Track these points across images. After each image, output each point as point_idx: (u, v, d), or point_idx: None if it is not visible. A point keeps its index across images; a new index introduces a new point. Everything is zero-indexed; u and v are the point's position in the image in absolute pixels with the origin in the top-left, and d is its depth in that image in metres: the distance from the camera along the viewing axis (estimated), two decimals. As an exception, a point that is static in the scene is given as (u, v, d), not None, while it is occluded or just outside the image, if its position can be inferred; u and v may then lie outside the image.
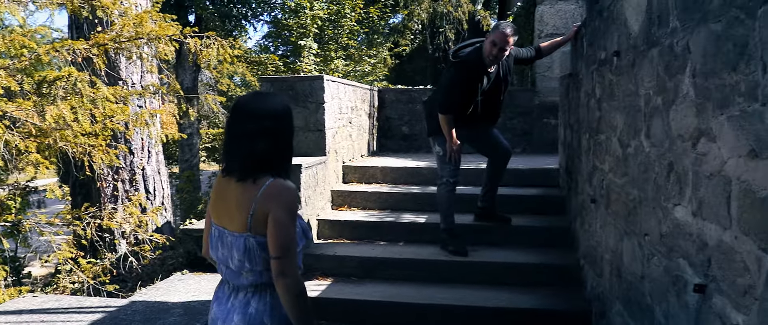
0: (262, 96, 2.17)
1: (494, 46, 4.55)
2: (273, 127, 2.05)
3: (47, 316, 3.26)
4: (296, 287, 1.98)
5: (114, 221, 5.12)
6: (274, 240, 1.97)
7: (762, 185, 1.59)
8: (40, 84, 3.75)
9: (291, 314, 2.01)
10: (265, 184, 2.00)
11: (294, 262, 1.98)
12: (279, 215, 1.97)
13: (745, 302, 1.70)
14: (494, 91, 4.84)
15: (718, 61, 1.87)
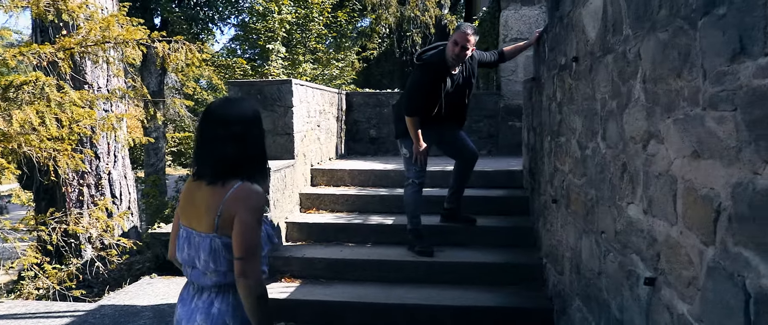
0: (233, 101, 2.22)
1: (456, 45, 4.65)
2: (243, 132, 2.09)
3: (15, 321, 3.25)
4: (257, 289, 2.02)
5: (80, 226, 5.08)
6: (239, 241, 2.01)
7: (703, 183, 1.71)
8: (7, 88, 3.73)
9: (250, 315, 2.05)
10: (234, 187, 2.05)
11: (257, 264, 2.02)
12: (244, 217, 2.02)
13: (689, 292, 1.82)
14: (459, 93, 4.92)
15: (665, 68, 2.00)
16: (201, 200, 2.11)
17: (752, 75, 1.41)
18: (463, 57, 4.73)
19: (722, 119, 1.57)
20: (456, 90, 4.89)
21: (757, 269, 1.41)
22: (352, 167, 6.52)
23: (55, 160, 4.95)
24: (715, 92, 1.61)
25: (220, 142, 2.07)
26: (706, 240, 1.69)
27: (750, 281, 1.44)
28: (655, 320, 2.13)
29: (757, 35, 1.39)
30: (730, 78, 1.52)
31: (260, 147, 2.18)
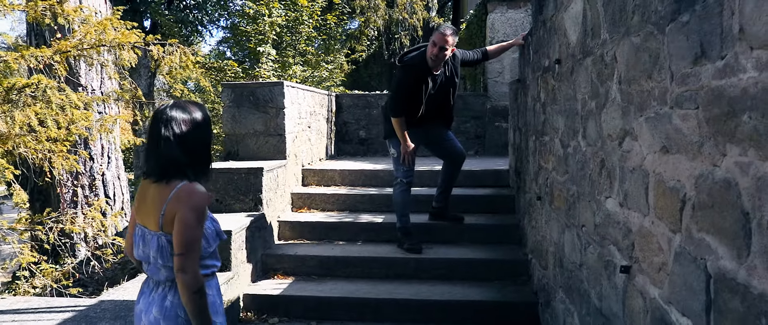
0: (181, 105, 2.31)
1: (434, 46, 4.75)
2: (186, 134, 2.20)
3: (18, 316, 3.35)
4: (194, 284, 2.12)
5: (76, 226, 5.17)
6: (178, 238, 2.13)
7: (671, 176, 1.86)
8: (9, 90, 3.83)
9: (187, 308, 2.15)
10: (177, 187, 2.17)
11: (194, 260, 2.14)
12: (184, 215, 2.13)
13: (659, 277, 1.97)
14: (442, 92, 5.02)
15: (638, 70, 2.15)
16: (150, 198, 2.23)
17: (711, 76, 1.56)
18: (443, 58, 4.82)
19: (687, 117, 1.72)
20: (439, 90, 4.98)
21: (716, 251, 1.56)
22: (342, 167, 6.65)
23: (50, 161, 5.04)
24: (680, 92, 1.76)
25: (164, 142, 2.18)
26: (674, 228, 1.84)
27: (711, 263, 1.59)
28: (630, 305, 2.28)
29: (715, 41, 1.54)
30: (693, 79, 1.67)
31: (203, 150, 2.29)
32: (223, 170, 5.21)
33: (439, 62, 4.86)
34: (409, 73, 4.91)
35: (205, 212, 2.22)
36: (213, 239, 2.29)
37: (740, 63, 1.41)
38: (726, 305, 1.50)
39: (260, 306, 4.54)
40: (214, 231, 2.31)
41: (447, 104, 5.16)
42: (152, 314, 2.23)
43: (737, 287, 1.44)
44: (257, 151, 5.82)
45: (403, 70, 4.95)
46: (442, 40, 4.73)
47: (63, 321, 3.29)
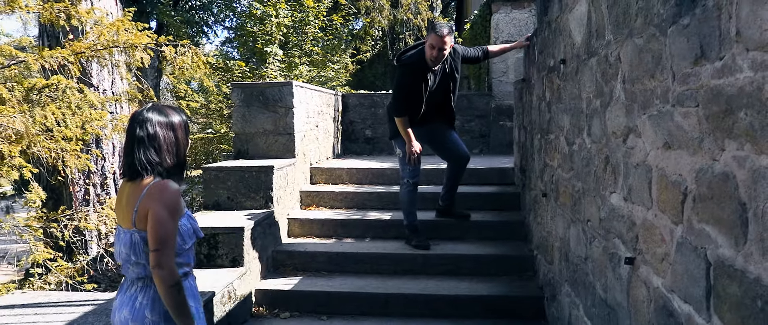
0: (158, 108, 2.41)
1: (433, 48, 4.75)
2: (159, 135, 2.30)
3: (40, 309, 3.45)
4: (171, 279, 2.18)
5: (90, 223, 5.28)
6: (152, 234, 2.19)
7: (673, 170, 1.96)
8: (30, 91, 3.94)
9: (166, 303, 2.21)
10: (150, 184, 2.26)
11: (170, 255, 2.19)
12: (157, 211, 2.20)
13: (662, 267, 2.07)
14: (442, 89, 5.03)
15: (641, 69, 2.25)
16: (125, 197, 2.30)
17: (710, 76, 1.66)
18: (442, 58, 4.82)
19: (687, 114, 1.82)
20: (439, 87, 5.00)
21: (715, 240, 1.66)
22: (349, 166, 6.75)
23: (63, 160, 5.15)
24: (681, 91, 1.86)
25: (138, 142, 2.28)
26: (676, 220, 1.94)
27: (710, 251, 1.69)
28: (634, 295, 2.38)
29: (713, 43, 1.64)
30: (693, 79, 1.77)
31: (176, 150, 2.36)
32: (235, 168, 5.32)
33: (439, 61, 4.87)
34: (408, 72, 4.94)
35: (178, 208, 2.28)
36: (189, 237, 2.36)
37: (737, 63, 1.51)
38: (724, 290, 1.60)
39: (272, 301, 4.65)
40: (190, 228, 2.37)
41: (448, 101, 5.16)
42: (123, 313, 2.29)
43: (735, 273, 1.54)
44: (267, 150, 5.93)
45: (402, 69, 4.98)
46: (439, 41, 4.73)
47: (83, 314, 3.40)
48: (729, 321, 1.58)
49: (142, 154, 2.27)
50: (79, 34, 5.82)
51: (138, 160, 2.27)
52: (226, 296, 4.07)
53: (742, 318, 1.51)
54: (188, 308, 2.24)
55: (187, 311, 2.23)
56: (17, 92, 3.87)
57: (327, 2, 10.55)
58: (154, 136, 2.29)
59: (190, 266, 2.41)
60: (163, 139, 2.30)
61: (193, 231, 2.40)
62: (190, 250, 2.39)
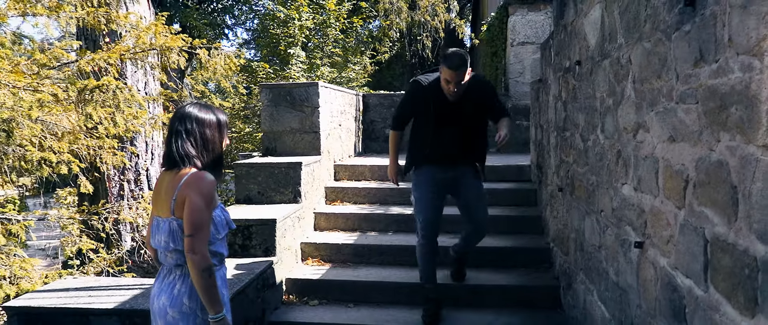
0: (199, 105, 2.66)
1: (448, 83, 4.10)
2: (195, 130, 2.54)
3: (93, 292, 3.74)
4: (203, 263, 2.38)
5: (129, 215, 5.59)
6: (187, 220, 2.40)
7: (677, 161, 2.20)
8: (82, 91, 4.24)
9: (196, 286, 2.42)
10: (188, 174, 2.49)
11: (203, 241, 2.41)
12: (194, 199, 2.42)
13: (668, 248, 2.30)
14: (461, 117, 4.24)
15: (649, 71, 2.48)
16: (164, 187, 2.53)
17: (708, 76, 1.90)
18: (460, 90, 4.13)
19: (689, 110, 2.06)
20: (456, 117, 4.23)
21: (712, 220, 1.89)
22: (371, 163, 7.01)
23: (99, 157, 5.45)
24: (684, 90, 2.10)
25: (176, 134, 2.53)
26: (679, 205, 2.18)
27: (708, 230, 1.93)
28: (642, 276, 2.61)
29: (710, 47, 1.87)
30: (694, 79, 2.01)
31: (212, 146, 2.58)
32: (265, 164, 5.60)
33: (455, 95, 4.15)
34: (415, 90, 4.35)
35: (213, 198, 2.50)
36: (222, 227, 2.56)
37: (729, 65, 1.75)
38: (719, 262, 1.84)
39: (301, 289, 4.92)
40: (223, 220, 2.59)
41: (471, 138, 4.34)
42: (162, 300, 2.50)
43: (727, 247, 1.78)
44: (294, 148, 6.20)
45: (411, 85, 4.43)
46: (449, 75, 4.05)
47: (133, 296, 3.68)
48: (723, 289, 1.82)
49: (180, 147, 2.51)
50: (117, 38, 6.12)
51: (176, 152, 2.51)
52: (261, 283, 4.34)
53: (733, 285, 1.74)
54: (217, 293, 2.44)
55: (216, 295, 2.43)
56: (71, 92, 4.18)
57: (347, 5, 10.84)
58: (190, 131, 2.52)
59: (224, 255, 2.63)
60: (199, 134, 2.54)
61: (226, 222, 2.62)
62: (223, 240, 2.61)
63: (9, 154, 3.90)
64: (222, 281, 2.62)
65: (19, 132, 3.63)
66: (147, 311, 3.42)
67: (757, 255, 1.60)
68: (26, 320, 3.53)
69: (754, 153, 1.61)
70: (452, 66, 4.01)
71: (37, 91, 3.71)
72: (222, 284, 2.61)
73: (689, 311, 2.08)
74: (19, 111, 3.53)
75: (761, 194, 1.58)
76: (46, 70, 3.95)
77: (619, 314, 3.00)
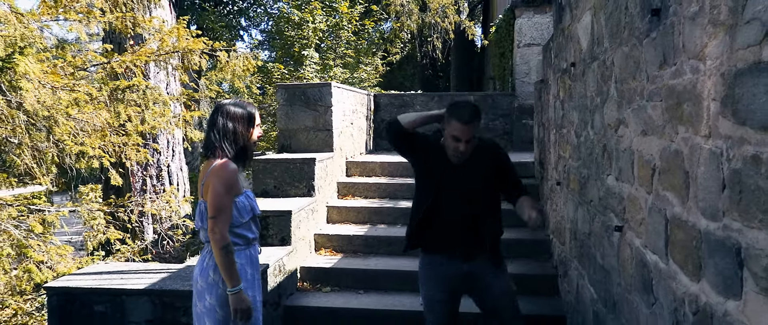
0: (233, 103, 3.00)
1: (457, 142, 3.13)
2: (225, 124, 2.89)
3: (125, 275, 4.08)
4: (222, 241, 2.73)
5: (154, 208, 5.95)
6: (209, 203, 2.77)
7: (647, 152, 2.49)
8: (114, 91, 4.59)
9: (217, 261, 2.77)
10: (215, 162, 2.85)
11: (223, 222, 2.74)
12: (215, 185, 2.78)
13: (640, 230, 2.59)
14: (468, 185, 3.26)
15: (627, 72, 2.77)
16: (201, 173, 2.93)
17: (669, 77, 2.19)
18: (467, 151, 3.18)
19: (655, 107, 2.35)
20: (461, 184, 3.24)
21: (671, 202, 2.18)
22: (381, 160, 7.32)
23: (124, 153, 5.81)
24: (652, 89, 2.39)
25: (209, 126, 2.93)
26: (648, 190, 2.47)
27: (668, 211, 2.22)
28: (622, 256, 2.90)
29: (670, 52, 2.16)
30: (659, 79, 2.30)
31: (234, 138, 2.89)
32: (281, 160, 5.93)
33: (462, 156, 3.20)
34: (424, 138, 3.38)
35: (234, 185, 2.83)
36: (246, 212, 2.89)
37: (683, 68, 2.04)
38: (675, 237, 2.13)
39: (315, 277, 5.24)
40: (248, 205, 2.93)
41: (483, 215, 3.31)
42: (195, 271, 2.91)
43: (682, 224, 2.07)
44: (308, 145, 6.53)
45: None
46: (465, 132, 3.10)
47: (162, 279, 4.02)
48: (678, 260, 2.11)
49: (211, 138, 2.89)
50: (141, 40, 6.48)
51: (207, 141, 2.91)
52: (277, 270, 4.67)
53: (685, 256, 2.04)
54: (235, 269, 2.78)
55: (234, 271, 2.77)
56: (104, 91, 4.53)
57: (360, 8, 11.17)
58: (220, 124, 2.89)
59: (249, 237, 2.96)
60: (226, 127, 2.89)
61: (251, 208, 2.98)
62: (247, 223, 2.95)
63: (48, 149, 4.25)
64: (247, 260, 2.97)
65: (58, 128, 3.97)
66: (175, 292, 3.78)
67: (701, 228, 1.90)
68: (65, 300, 3.88)
69: (699, 143, 1.91)
70: (464, 119, 3.09)
71: (74, 91, 4.05)
72: (247, 262, 2.96)
73: (655, 283, 2.37)
74: (58, 109, 3.87)
75: (704, 176, 1.87)
76: (80, 72, 4.29)
77: (604, 293, 3.29)
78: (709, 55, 1.81)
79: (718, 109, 1.75)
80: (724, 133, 1.71)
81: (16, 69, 3.49)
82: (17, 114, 4.10)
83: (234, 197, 2.84)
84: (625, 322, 2.83)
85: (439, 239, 3.35)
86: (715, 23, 1.76)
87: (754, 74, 1.52)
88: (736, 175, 1.64)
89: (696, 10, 1.91)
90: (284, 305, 4.76)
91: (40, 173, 4.18)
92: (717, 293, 1.79)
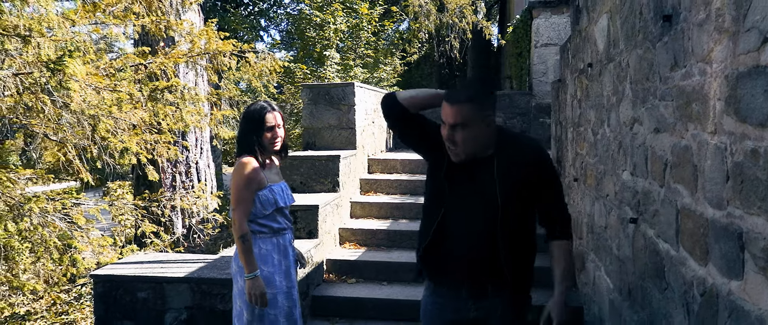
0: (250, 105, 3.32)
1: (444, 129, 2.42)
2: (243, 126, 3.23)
3: (164, 264, 4.33)
4: (239, 231, 3.06)
5: (185, 203, 6.21)
6: (231, 196, 3.14)
7: (660, 148, 2.67)
8: (153, 91, 4.84)
9: (237, 248, 3.09)
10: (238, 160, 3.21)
11: (240, 214, 3.06)
12: (234, 180, 3.14)
13: (654, 221, 2.78)
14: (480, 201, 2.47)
15: (641, 73, 2.96)
16: None
17: (679, 79, 2.38)
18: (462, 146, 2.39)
19: (667, 106, 2.54)
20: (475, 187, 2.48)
21: (682, 194, 2.37)
22: (402, 157, 7.53)
23: (155, 150, 6.07)
24: (664, 90, 2.58)
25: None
26: (661, 184, 2.65)
27: (679, 202, 2.40)
28: (636, 246, 3.09)
29: (681, 55, 2.35)
30: (671, 80, 2.49)
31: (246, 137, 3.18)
32: (306, 157, 6.16)
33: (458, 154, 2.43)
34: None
35: (251, 179, 3.12)
36: (269, 205, 3.17)
37: (692, 70, 2.23)
38: (685, 226, 2.32)
39: (340, 269, 5.46)
40: (272, 199, 3.20)
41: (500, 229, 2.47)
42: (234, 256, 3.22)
43: (690, 214, 2.26)
44: (331, 143, 6.76)
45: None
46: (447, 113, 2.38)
47: (199, 268, 4.26)
48: (687, 247, 2.30)
49: (237, 137, 3.27)
50: (171, 43, 6.74)
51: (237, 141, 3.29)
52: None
53: (693, 243, 2.22)
54: (251, 257, 3.07)
55: (250, 258, 3.07)
56: (144, 91, 4.79)
57: (379, 9, 11.39)
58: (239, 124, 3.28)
59: (274, 227, 3.22)
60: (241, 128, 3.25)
61: (274, 201, 3.22)
62: (271, 215, 3.22)
63: (89, 146, 4.51)
64: (273, 247, 3.24)
65: (101, 126, 4.22)
66: (212, 280, 4.02)
67: (708, 217, 2.08)
68: (110, 287, 4.13)
69: (706, 139, 2.10)
70: (453, 97, 2.38)
71: (115, 91, 4.30)
72: (273, 248, 3.24)
73: (667, 269, 2.56)
74: (102, 108, 4.13)
75: (710, 169, 2.06)
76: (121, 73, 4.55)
77: (620, 282, 3.47)
78: (715, 58, 1.99)
79: (722, 108, 1.93)
80: (728, 130, 1.89)
81: (65, 71, 3.73)
82: (61, 112, 4.36)
83: (255, 190, 3.12)
84: (640, 307, 3.02)
85: (442, 267, 2.59)
86: (720, 30, 1.95)
87: (753, 77, 1.70)
88: (737, 167, 1.83)
89: (703, 18, 2.10)
90: (312, 295, 4.99)
91: (84, 169, 4.43)
92: (721, 274, 1.98)
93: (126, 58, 4.74)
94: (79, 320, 5.34)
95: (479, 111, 2.35)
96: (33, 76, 3.79)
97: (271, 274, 3.16)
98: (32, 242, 4.24)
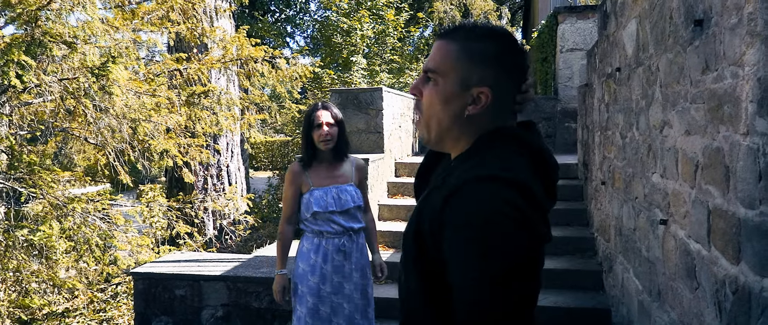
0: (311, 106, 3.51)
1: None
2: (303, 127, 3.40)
3: (200, 262, 4.47)
4: (278, 229, 3.34)
5: (219, 204, 6.37)
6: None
7: (690, 150, 2.73)
8: (191, 95, 5.00)
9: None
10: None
11: (283, 214, 3.30)
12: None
13: (684, 222, 2.83)
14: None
15: (671, 77, 3.01)
16: None
17: (711, 82, 2.43)
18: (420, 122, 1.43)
19: (698, 109, 2.59)
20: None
21: (713, 195, 2.43)
22: (428, 162, 7.60)
23: (189, 153, 6.23)
24: (695, 93, 2.63)
25: None
26: (692, 185, 2.71)
27: (710, 202, 2.46)
28: (666, 248, 3.13)
29: (712, 59, 2.41)
30: (702, 84, 2.55)
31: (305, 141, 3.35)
32: (335, 160, 6.27)
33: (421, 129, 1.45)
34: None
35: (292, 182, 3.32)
36: (306, 209, 3.31)
37: (724, 73, 2.29)
38: (717, 226, 2.38)
39: (369, 270, 5.55)
40: (310, 202, 3.30)
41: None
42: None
43: (722, 213, 2.32)
44: (360, 146, 6.86)
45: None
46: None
47: (234, 266, 4.38)
48: (719, 247, 2.35)
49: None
50: (204, 49, 6.91)
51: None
52: (336, 262, 4.99)
53: (725, 242, 2.28)
54: (282, 254, 3.34)
55: (280, 255, 3.34)
56: (183, 96, 4.95)
57: (405, 15, 11.52)
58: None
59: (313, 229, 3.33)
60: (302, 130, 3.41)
61: (310, 205, 3.32)
62: (312, 218, 3.32)
63: (128, 149, 4.67)
64: (314, 247, 3.37)
65: (140, 129, 4.38)
66: (248, 278, 4.13)
67: (740, 216, 2.14)
68: (149, 284, 4.27)
69: (738, 140, 2.15)
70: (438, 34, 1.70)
71: (154, 96, 4.46)
72: (313, 248, 3.37)
73: (698, 269, 2.61)
74: (142, 112, 4.28)
75: (742, 169, 2.11)
76: (160, 78, 4.71)
77: (649, 284, 3.52)
78: (747, 61, 2.05)
79: (755, 110, 1.99)
80: (760, 131, 1.95)
81: (109, 76, 3.89)
82: (102, 116, 4.53)
83: (296, 193, 3.27)
84: (670, 308, 3.06)
85: None
86: (752, 34, 2.01)
87: (785, 79, 1.77)
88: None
89: (735, 22, 2.16)
90: (342, 295, 5.08)
91: (124, 171, 4.59)
92: (754, 272, 2.03)
93: (164, 64, 4.90)
94: (116, 317, 5.50)
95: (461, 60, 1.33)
96: (78, 81, 3.94)
97: (304, 272, 3.31)
98: (75, 240, 4.39)
